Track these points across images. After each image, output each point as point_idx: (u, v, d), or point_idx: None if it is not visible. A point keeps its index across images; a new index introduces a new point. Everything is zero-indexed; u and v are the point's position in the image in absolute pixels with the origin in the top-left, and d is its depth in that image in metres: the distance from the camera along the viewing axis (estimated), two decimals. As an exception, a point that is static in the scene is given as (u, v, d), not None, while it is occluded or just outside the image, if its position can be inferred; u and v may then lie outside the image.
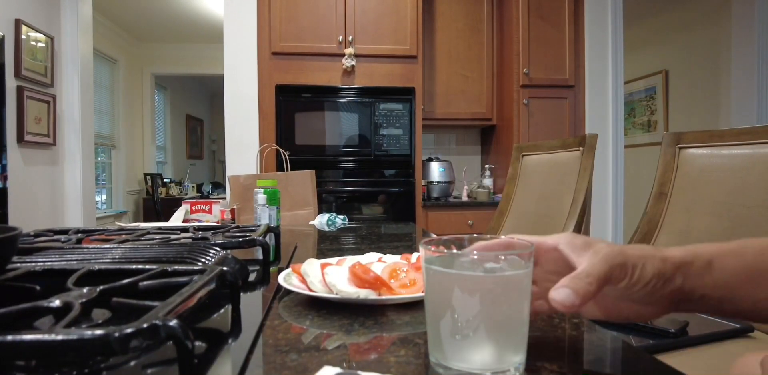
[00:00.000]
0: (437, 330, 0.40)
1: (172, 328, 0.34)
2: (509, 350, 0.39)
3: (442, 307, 0.40)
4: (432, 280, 0.41)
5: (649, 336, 0.84)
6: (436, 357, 0.40)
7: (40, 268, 0.55)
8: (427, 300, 0.42)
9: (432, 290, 0.41)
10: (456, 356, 0.39)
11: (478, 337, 0.38)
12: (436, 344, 0.40)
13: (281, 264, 0.91)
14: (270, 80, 2.88)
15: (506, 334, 0.39)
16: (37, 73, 2.73)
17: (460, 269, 0.40)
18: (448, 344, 0.39)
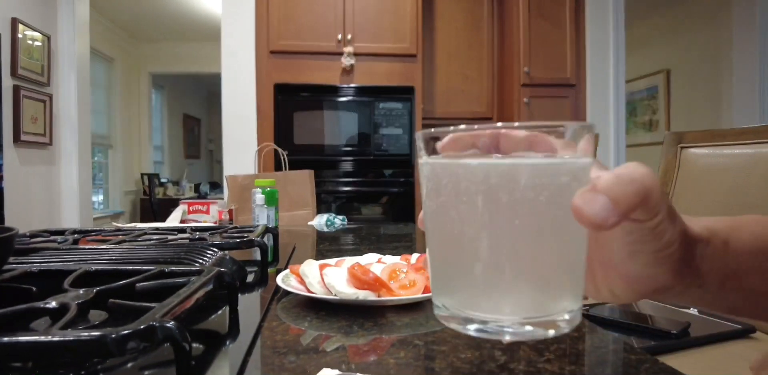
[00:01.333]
0: (448, 263, 0.28)
1: (170, 329, 0.34)
2: (562, 290, 0.27)
3: (456, 224, 0.26)
4: (439, 182, 0.27)
5: (650, 337, 0.83)
6: (446, 304, 0.28)
7: (37, 268, 0.55)
8: (430, 218, 0.29)
9: (439, 200, 0.27)
10: (479, 300, 0.27)
11: (515, 269, 0.26)
12: (446, 285, 0.28)
13: (279, 265, 0.91)
14: (268, 79, 2.87)
15: (559, 263, 0.27)
16: (33, 72, 2.72)
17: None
18: (465, 283, 0.27)
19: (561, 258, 0.27)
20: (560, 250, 0.26)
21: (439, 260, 0.29)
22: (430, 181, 0.28)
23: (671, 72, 4.23)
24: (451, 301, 0.28)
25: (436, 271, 0.29)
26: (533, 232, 0.25)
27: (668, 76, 4.25)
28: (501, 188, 0.25)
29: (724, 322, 0.91)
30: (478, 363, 0.42)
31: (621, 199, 0.24)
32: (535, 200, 0.25)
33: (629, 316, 0.92)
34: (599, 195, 0.24)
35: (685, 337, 0.83)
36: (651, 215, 0.26)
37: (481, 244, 0.26)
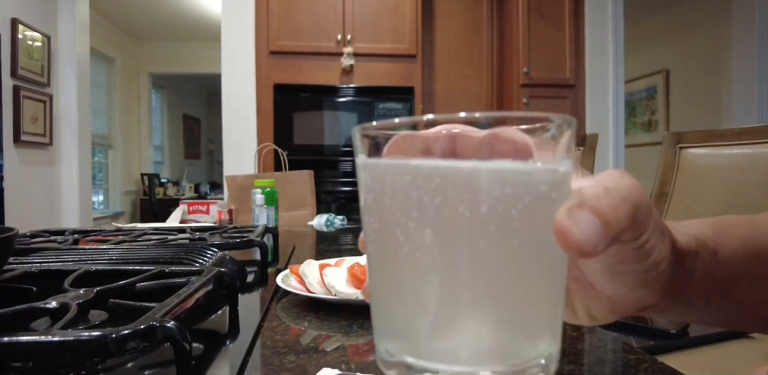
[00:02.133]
0: (392, 296, 0.22)
1: (170, 329, 0.34)
2: (536, 330, 0.21)
3: (402, 247, 0.20)
4: (382, 193, 0.21)
5: (650, 337, 0.84)
6: (390, 348, 0.22)
7: (37, 268, 0.55)
8: (370, 239, 0.23)
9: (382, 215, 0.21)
10: (430, 345, 0.21)
11: (476, 304, 0.20)
12: (389, 324, 0.23)
13: (279, 265, 0.91)
14: (268, 79, 2.87)
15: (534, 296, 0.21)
16: (33, 72, 2.72)
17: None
18: (413, 322, 0.21)
19: (536, 290, 0.21)
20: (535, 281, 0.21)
21: (380, 293, 0.23)
22: (369, 190, 0.22)
23: (670, 72, 4.23)
24: (396, 344, 0.22)
25: (377, 305, 0.23)
26: (501, 258, 0.20)
27: (667, 76, 4.26)
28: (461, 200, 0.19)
29: (723, 322, 0.91)
30: (478, 363, 0.42)
31: (612, 222, 0.20)
32: (505, 216, 0.19)
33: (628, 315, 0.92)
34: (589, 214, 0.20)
35: (685, 336, 0.83)
36: (638, 234, 0.23)
37: (433, 273, 0.20)
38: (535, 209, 0.20)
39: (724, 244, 0.29)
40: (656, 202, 1.27)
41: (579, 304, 0.28)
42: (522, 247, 0.20)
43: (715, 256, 0.29)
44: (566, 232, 0.19)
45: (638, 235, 0.23)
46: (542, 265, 0.21)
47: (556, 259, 0.21)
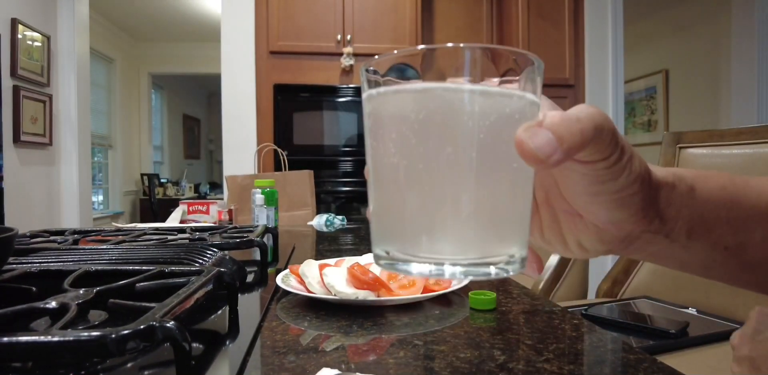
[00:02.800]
0: (387, 207, 0.26)
1: (169, 329, 0.34)
2: (505, 232, 0.26)
3: (393, 162, 0.25)
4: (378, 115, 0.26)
5: (649, 337, 0.84)
6: (388, 249, 0.26)
7: (37, 269, 0.55)
8: (370, 160, 0.27)
9: (378, 136, 0.26)
10: (418, 243, 0.25)
11: (454, 208, 0.24)
12: (386, 231, 0.27)
13: (279, 265, 0.91)
14: (268, 80, 2.87)
15: (502, 203, 0.25)
16: (33, 72, 2.72)
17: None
18: (404, 226, 0.25)
19: (504, 198, 0.25)
20: (504, 189, 0.25)
21: (378, 206, 0.27)
22: (369, 116, 0.26)
23: (670, 72, 4.23)
24: (392, 246, 0.26)
25: (376, 217, 0.27)
26: (475, 168, 0.23)
27: (667, 76, 4.26)
28: (442, 118, 0.23)
29: (722, 321, 0.91)
30: (478, 362, 0.42)
31: (566, 137, 0.23)
32: (480, 133, 0.23)
33: (628, 315, 0.92)
34: (542, 129, 0.23)
35: (684, 336, 0.83)
36: (603, 154, 0.25)
37: (418, 182, 0.24)
38: (505, 128, 0.24)
39: (701, 184, 0.31)
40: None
41: (570, 236, 0.31)
42: (492, 160, 0.24)
43: (692, 192, 0.30)
44: (522, 143, 0.23)
45: (605, 155, 0.25)
46: (512, 177, 0.25)
47: (523, 172, 0.25)
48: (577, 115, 0.24)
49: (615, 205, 0.28)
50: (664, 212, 0.30)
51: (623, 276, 1.28)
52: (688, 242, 0.31)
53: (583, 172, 0.26)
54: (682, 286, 1.13)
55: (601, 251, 0.32)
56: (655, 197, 0.29)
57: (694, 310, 0.98)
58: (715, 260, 0.33)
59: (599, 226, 0.30)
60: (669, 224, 0.30)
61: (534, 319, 0.55)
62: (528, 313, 0.58)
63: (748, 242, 0.32)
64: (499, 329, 0.52)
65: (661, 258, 0.34)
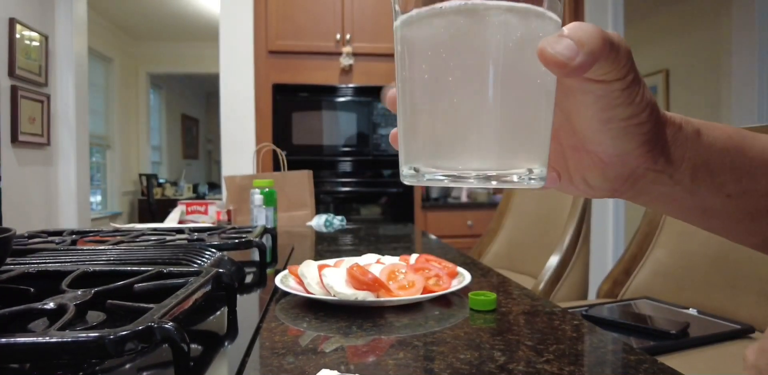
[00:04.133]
0: (416, 125, 0.27)
1: (168, 330, 0.34)
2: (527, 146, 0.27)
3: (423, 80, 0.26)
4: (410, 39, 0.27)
5: (649, 337, 0.84)
6: (417, 166, 0.28)
7: (35, 269, 0.54)
8: (400, 83, 0.28)
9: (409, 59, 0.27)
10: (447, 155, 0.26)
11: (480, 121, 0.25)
12: (415, 148, 0.28)
13: (278, 266, 0.90)
14: (266, 79, 2.87)
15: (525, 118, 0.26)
16: (31, 72, 2.72)
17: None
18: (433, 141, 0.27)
19: (526, 113, 0.26)
20: (526, 105, 0.26)
21: (406, 125, 0.28)
22: (399, 42, 0.27)
23: (670, 72, 4.24)
24: (420, 161, 0.27)
25: (405, 137, 0.28)
26: (499, 82, 0.25)
27: (667, 76, 4.26)
28: (468, 35, 0.24)
29: (722, 322, 0.91)
30: (477, 363, 0.42)
31: (585, 41, 0.24)
32: (504, 49, 0.24)
33: (628, 316, 0.92)
34: (564, 38, 0.24)
35: (684, 337, 0.83)
36: (620, 73, 0.26)
37: (444, 97, 0.25)
38: (525, 44, 0.25)
39: (708, 130, 0.32)
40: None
41: (576, 172, 0.33)
42: (518, 75, 0.25)
43: (698, 135, 0.31)
44: (543, 51, 0.24)
45: (622, 74, 0.26)
46: (534, 93, 0.26)
47: (545, 90, 0.26)
48: (595, 26, 0.25)
49: (623, 133, 0.28)
50: (669, 151, 0.30)
51: (624, 276, 1.28)
52: (691, 186, 0.32)
53: (598, 93, 0.27)
54: (683, 287, 1.13)
55: (606, 189, 0.32)
56: (661, 133, 0.29)
57: (695, 311, 0.98)
58: (716, 207, 0.33)
59: (605, 159, 0.30)
60: (674, 164, 0.31)
61: (534, 319, 0.55)
62: (528, 314, 0.58)
63: (750, 190, 0.32)
64: (499, 330, 0.51)
65: (663, 201, 0.34)
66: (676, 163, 0.31)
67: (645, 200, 0.34)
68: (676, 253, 1.18)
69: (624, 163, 0.30)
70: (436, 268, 0.68)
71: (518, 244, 1.83)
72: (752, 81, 3.26)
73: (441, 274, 0.66)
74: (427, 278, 0.65)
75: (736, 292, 1.02)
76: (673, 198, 0.33)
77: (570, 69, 0.24)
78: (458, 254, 1.04)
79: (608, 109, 0.27)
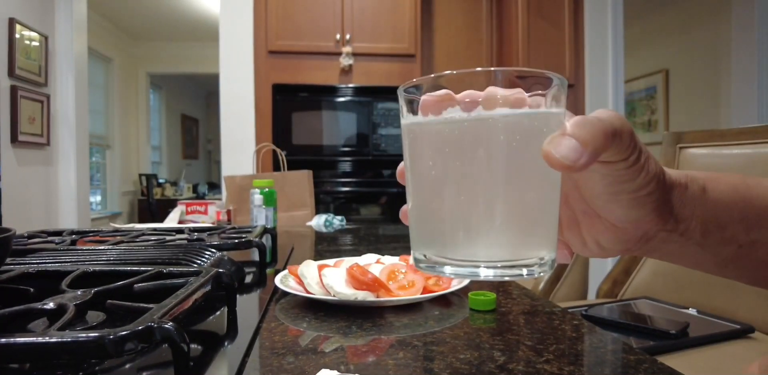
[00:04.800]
0: (426, 214, 0.29)
1: (168, 330, 0.33)
2: (534, 237, 0.28)
3: (432, 175, 0.28)
4: (418, 138, 0.29)
5: (649, 337, 0.84)
6: (426, 253, 0.29)
7: (34, 269, 0.54)
8: (410, 173, 0.30)
9: (417, 154, 0.29)
10: (455, 247, 0.28)
11: (489, 216, 0.27)
12: (425, 236, 0.30)
13: (278, 266, 0.90)
14: (266, 79, 2.87)
15: (532, 210, 0.27)
16: (30, 72, 2.72)
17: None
18: (442, 232, 0.28)
19: (534, 205, 0.27)
20: (534, 197, 0.27)
21: (417, 213, 0.30)
22: (408, 137, 0.30)
23: (670, 72, 4.24)
24: (430, 250, 0.29)
25: (416, 223, 0.30)
26: (507, 178, 0.26)
27: (667, 76, 4.26)
28: (475, 140, 0.26)
29: (722, 322, 0.91)
30: (477, 363, 0.42)
31: (588, 140, 0.25)
32: (509, 150, 0.26)
33: (628, 316, 0.92)
34: (566, 137, 0.25)
35: (684, 337, 0.83)
36: (624, 155, 0.27)
37: (454, 192, 0.27)
38: (531, 143, 0.26)
39: (713, 185, 0.33)
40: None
41: (588, 236, 0.33)
42: (522, 173, 0.27)
43: (704, 192, 0.32)
44: (548, 154, 0.25)
45: (626, 155, 0.27)
46: (541, 186, 0.27)
47: (551, 181, 0.28)
48: (597, 117, 0.26)
49: (632, 204, 0.29)
50: (678, 211, 0.31)
51: (623, 276, 1.27)
52: (702, 240, 0.32)
53: (603, 172, 0.28)
54: (683, 287, 1.13)
55: (618, 250, 0.33)
56: (669, 197, 0.30)
57: (695, 311, 0.98)
58: (729, 258, 0.34)
59: (617, 225, 0.31)
60: (683, 223, 0.31)
61: (534, 319, 0.55)
62: (528, 314, 0.58)
63: (761, 240, 0.33)
64: (498, 330, 0.51)
65: (677, 256, 0.35)
66: (685, 221, 0.31)
67: (659, 255, 0.35)
68: (676, 253, 1.17)
69: (636, 228, 0.31)
70: (436, 268, 0.67)
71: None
72: (752, 81, 3.26)
73: (441, 274, 0.66)
74: (427, 278, 0.65)
75: (735, 292, 1.02)
76: (686, 253, 0.34)
77: (576, 169, 0.25)
78: (458, 254, 1.03)
79: (615, 185, 0.28)
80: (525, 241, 0.27)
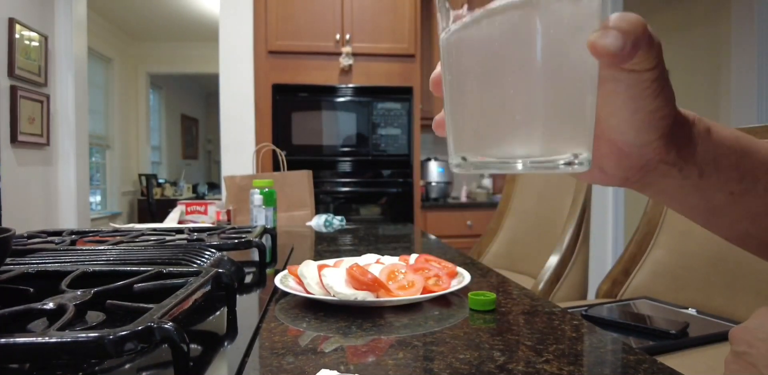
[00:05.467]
0: (466, 115, 0.29)
1: (167, 330, 0.34)
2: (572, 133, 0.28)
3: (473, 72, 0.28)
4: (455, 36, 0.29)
5: (649, 337, 0.84)
6: (466, 155, 0.29)
7: (34, 269, 0.54)
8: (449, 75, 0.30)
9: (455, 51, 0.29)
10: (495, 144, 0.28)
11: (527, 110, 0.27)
12: (464, 137, 0.29)
13: (278, 266, 0.90)
14: (266, 79, 2.87)
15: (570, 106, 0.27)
16: (30, 72, 2.72)
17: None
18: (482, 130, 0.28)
19: (571, 100, 0.27)
20: (571, 92, 0.27)
21: (454, 116, 0.29)
22: (446, 36, 0.29)
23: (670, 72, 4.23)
24: (468, 152, 0.29)
25: (454, 126, 0.30)
26: (546, 75, 0.26)
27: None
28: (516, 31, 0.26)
29: (722, 322, 0.91)
30: (477, 364, 0.42)
31: (629, 30, 0.26)
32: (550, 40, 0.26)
33: (628, 316, 0.92)
34: (610, 29, 0.26)
35: (684, 337, 0.83)
36: (654, 62, 0.28)
37: (492, 88, 0.27)
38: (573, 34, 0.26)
39: (717, 129, 0.34)
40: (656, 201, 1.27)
41: (593, 160, 0.33)
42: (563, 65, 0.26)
43: (709, 133, 0.33)
44: (594, 44, 0.26)
45: (655, 64, 0.28)
46: (578, 82, 0.27)
47: (589, 77, 0.27)
48: (633, 14, 0.28)
49: (645, 126, 0.30)
50: (682, 146, 0.32)
51: (623, 276, 1.28)
52: (698, 181, 0.34)
53: (629, 82, 0.29)
54: (682, 287, 1.13)
55: (619, 177, 0.34)
56: (678, 128, 0.32)
57: (694, 311, 0.98)
58: (719, 206, 0.36)
59: (624, 149, 0.32)
60: (684, 158, 0.33)
61: (534, 319, 0.55)
62: (528, 314, 0.58)
63: (751, 190, 0.34)
64: (498, 330, 0.52)
65: (670, 196, 0.36)
66: (686, 157, 0.33)
67: (653, 192, 0.36)
68: (676, 253, 1.18)
69: (641, 154, 0.32)
70: (436, 268, 0.68)
71: (518, 244, 1.84)
72: (751, 81, 3.26)
73: (440, 274, 0.66)
74: (427, 278, 0.65)
75: (735, 292, 1.02)
76: (680, 192, 0.35)
77: (619, 58, 0.26)
78: (458, 254, 1.04)
79: (637, 99, 0.29)
80: (563, 135, 0.27)
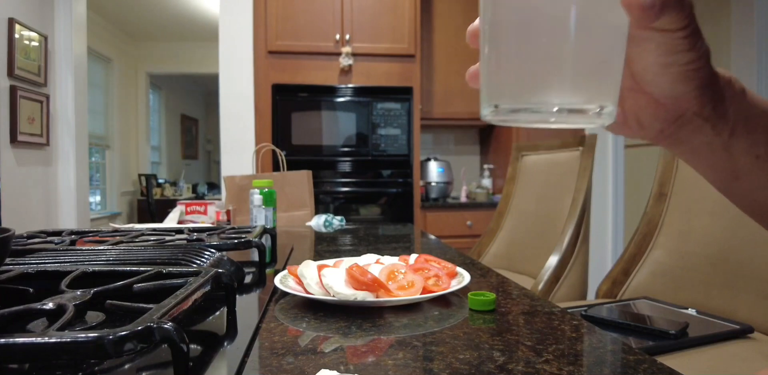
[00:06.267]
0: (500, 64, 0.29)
1: (167, 330, 0.33)
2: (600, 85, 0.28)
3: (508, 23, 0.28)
4: None
5: (649, 337, 0.84)
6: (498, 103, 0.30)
7: (34, 270, 0.54)
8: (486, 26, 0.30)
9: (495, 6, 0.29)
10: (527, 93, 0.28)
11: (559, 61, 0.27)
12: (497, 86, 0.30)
13: (277, 266, 0.90)
14: (266, 79, 2.87)
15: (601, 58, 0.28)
16: (30, 72, 2.72)
17: None
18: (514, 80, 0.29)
19: (600, 53, 0.28)
20: (600, 45, 0.28)
21: (490, 63, 0.30)
22: None
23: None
24: (504, 97, 0.29)
25: (488, 74, 0.30)
26: (577, 24, 0.27)
27: (666, 76, 4.26)
28: None
29: (722, 322, 0.91)
30: (477, 364, 0.42)
31: None
32: None
33: (627, 316, 0.92)
34: None
35: (684, 337, 0.83)
36: (684, 23, 0.28)
37: (530, 36, 0.27)
38: None
39: (751, 92, 0.35)
40: (656, 202, 1.27)
41: (630, 111, 0.35)
42: (595, 16, 0.27)
43: (744, 94, 0.34)
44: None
45: (684, 24, 0.28)
46: (609, 35, 0.28)
47: (620, 32, 0.28)
48: None
49: (680, 77, 0.31)
50: (717, 101, 0.33)
51: (623, 276, 1.28)
52: (728, 140, 0.34)
53: (660, 41, 0.29)
54: (682, 287, 1.13)
55: (655, 129, 0.35)
56: (714, 81, 0.32)
57: (694, 311, 0.98)
58: (744, 169, 0.36)
59: (660, 100, 0.33)
60: (718, 114, 0.33)
61: (533, 320, 0.55)
62: (527, 314, 0.58)
63: None
64: (498, 330, 0.52)
65: (699, 154, 0.37)
66: (720, 113, 0.33)
67: (682, 150, 0.37)
68: (675, 253, 1.18)
69: (677, 105, 0.33)
70: (436, 269, 0.68)
71: (517, 244, 1.84)
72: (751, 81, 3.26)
73: (440, 275, 0.66)
74: (427, 278, 0.65)
75: (734, 292, 1.02)
76: (708, 151, 0.36)
77: (648, 13, 0.26)
78: (457, 254, 1.04)
79: (669, 55, 0.30)
80: (591, 86, 0.28)
